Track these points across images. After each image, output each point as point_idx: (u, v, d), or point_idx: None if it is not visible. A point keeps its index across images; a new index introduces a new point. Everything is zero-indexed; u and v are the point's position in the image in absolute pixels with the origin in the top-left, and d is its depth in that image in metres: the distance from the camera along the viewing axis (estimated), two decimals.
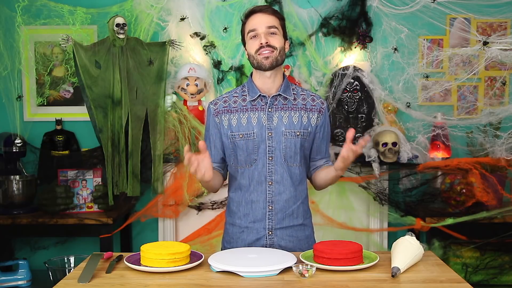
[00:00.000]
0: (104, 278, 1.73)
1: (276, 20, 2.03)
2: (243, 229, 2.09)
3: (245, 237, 2.09)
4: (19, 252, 3.50)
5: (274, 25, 2.01)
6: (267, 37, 2.00)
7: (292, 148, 2.04)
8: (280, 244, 2.07)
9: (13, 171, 3.33)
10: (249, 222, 2.08)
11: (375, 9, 3.35)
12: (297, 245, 2.09)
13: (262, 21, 2.01)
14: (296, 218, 2.09)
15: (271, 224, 2.06)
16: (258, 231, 2.07)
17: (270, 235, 2.07)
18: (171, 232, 3.45)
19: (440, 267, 1.82)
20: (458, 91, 3.47)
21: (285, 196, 2.06)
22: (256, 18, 2.02)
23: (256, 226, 2.07)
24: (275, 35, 2.01)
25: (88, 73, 3.17)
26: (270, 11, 2.04)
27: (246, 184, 2.06)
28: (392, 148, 3.17)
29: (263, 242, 2.07)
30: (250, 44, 2.03)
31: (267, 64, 2.00)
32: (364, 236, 3.40)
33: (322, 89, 3.39)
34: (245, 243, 2.09)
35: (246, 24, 2.05)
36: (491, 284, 3.22)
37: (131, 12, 3.39)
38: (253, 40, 2.02)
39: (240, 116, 2.06)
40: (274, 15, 2.04)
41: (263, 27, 2.00)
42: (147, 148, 3.29)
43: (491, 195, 3.04)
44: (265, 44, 1.98)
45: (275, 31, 2.01)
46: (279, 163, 2.04)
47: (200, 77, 3.34)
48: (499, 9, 3.17)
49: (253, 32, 2.01)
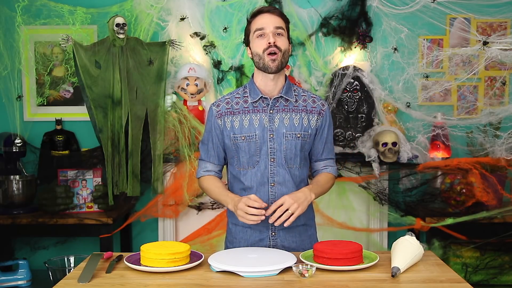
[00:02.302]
0: (104, 278, 1.73)
1: (282, 22, 2.04)
2: (247, 229, 2.10)
3: (248, 237, 2.10)
4: (19, 252, 3.50)
5: (281, 26, 2.02)
6: (275, 37, 2.00)
7: (292, 150, 2.04)
8: (283, 244, 2.07)
9: (13, 171, 3.33)
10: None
11: (375, 9, 3.35)
12: (300, 245, 2.10)
13: (270, 21, 2.01)
14: (299, 219, 2.07)
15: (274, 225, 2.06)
16: (262, 232, 2.08)
17: (273, 236, 2.07)
18: (171, 232, 3.45)
19: (440, 267, 1.82)
20: (458, 91, 3.47)
21: None
22: (264, 17, 2.02)
23: (259, 227, 2.07)
24: (282, 36, 2.02)
25: (88, 73, 3.17)
26: (278, 12, 2.05)
27: (249, 185, 2.07)
28: (392, 148, 3.17)
29: (266, 242, 2.07)
30: (256, 43, 2.02)
31: (274, 67, 2.00)
32: (364, 236, 3.40)
33: (322, 89, 3.39)
34: (248, 243, 2.09)
35: (253, 23, 2.04)
36: (491, 284, 3.22)
37: (131, 12, 3.39)
38: (260, 39, 2.01)
39: (242, 118, 2.06)
40: (281, 17, 2.05)
41: (271, 27, 2.00)
42: (147, 148, 3.29)
43: (491, 195, 3.04)
44: (273, 43, 1.98)
45: (282, 32, 2.02)
46: (281, 165, 2.04)
47: (200, 77, 3.34)
48: (499, 9, 3.17)
49: (260, 31, 2.01)
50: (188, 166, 3.27)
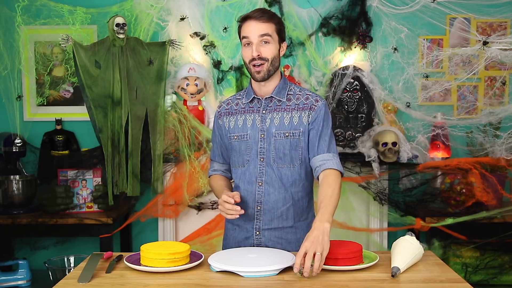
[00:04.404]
0: (104, 278, 1.73)
1: (270, 27, 1.99)
2: (235, 227, 2.14)
3: (236, 235, 2.13)
4: (19, 252, 3.49)
5: (267, 33, 1.98)
6: (259, 48, 1.97)
7: (281, 149, 2.03)
8: (267, 244, 2.07)
9: (13, 171, 3.33)
10: (240, 221, 2.10)
11: (375, 9, 3.35)
12: (286, 247, 2.04)
13: (255, 29, 1.98)
14: (286, 220, 2.07)
15: (259, 224, 2.07)
16: (248, 230, 2.10)
17: (258, 235, 2.08)
18: (171, 232, 3.45)
19: (440, 267, 1.82)
20: (458, 91, 3.47)
21: (274, 197, 2.05)
22: (250, 25, 1.99)
23: (246, 225, 2.10)
24: (268, 43, 1.98)
25: (88, 73, 3.17)
26: (266, 17, 1.98)
27: (239, 183, 2.10)
28: (392, 148, 3.17)
29: (251, 241, 2.09)
30: (244, 51, 2.03)
31: (259, 78, 2.02)
32: (364, 236, 3.40)
33: (322, 89, 3.39)
34: (235, 241, 2.12)
35: (241, 29, 2.03)
36: (491, 284, 3.22)
37: (131, 12, 3.39)
38: (246, 48, 2.01)
39: (237, 118, 2.10)
40: (269, 21, 1.98)
41: (255, 36, 1.97)
42: (147, 148, 3.29)
43: (491, 195, 3.04)
44: (256, 57, 1.98)
45: (268, 39, 1.98)
46: (269, 164, 2.04)
47: (200, 77, 3.34)
48: (499, 9, 3.17)
49: (246, 39, 2.00)
50: (188, 166, 3.27)
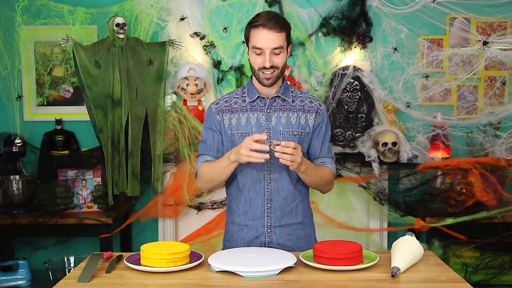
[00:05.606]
0: (104, 278, 1.73)
1: (282, 36, 1.96)
2: (243, 227, 2.10)
3: (244, 235, 2.09)
4: (19, 252, 3.49)
5: (280, 45, 1.96)
6: (272, 58, 1.96)
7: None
8: (278, 242, 2.07)
9: (13, 171, 3.33)
10: (248, 220, 2.08)
11: (375, 9, 3.35)
12: (296, 243, 2.09)
13: (269, 41, 1.94)
14: (295, 216, 2.09)
15: (269, 221, 2.06)
16: (257, 229, 2.08)
17: (269, 233, 2.07)
18: (171, 232, 3.45)
19: (440, 267, 1.82)
20: (458, 91, 3.47)
21: (284, 194, 2.06)
22: (262, 35, 1.94)
23: (255, 224, 2.08)
24: (280, 54, 1.98)
25: (88, 73, 3.17)
26: (279, 27, 1.94)
27: (245, 182, 2.07)
28: (392, 148, 3.17)
29: (262, 240, 2.07)
30: (253, 58, 2.00)
31: (268, 84, 2.02)
32: (364, 236, 3.40)
33: (322, 89, 3.39)
34: (244, 241, 2.09)
35: (252, 37, 1.98)
36: (491, 284, 3.22)
37: (131, 12, 3.39)
38: (257, 56, 1.98)
39: (239, 116, 2.08)
40: (281, 31, 1.95)
41: (269, 48, 1.95)
42: (147, 148, 3.29)
43: (491, 195, 3.04)
44: (269, 66, 1.97)
45: (281, 50, 1.97)
46: (277, 162, 2.03)
47: (200, 77, 3.34)
48: (499, 9, 3.17)
49: (258, 49, 1.97)
50: (188, 166, 3.27)
